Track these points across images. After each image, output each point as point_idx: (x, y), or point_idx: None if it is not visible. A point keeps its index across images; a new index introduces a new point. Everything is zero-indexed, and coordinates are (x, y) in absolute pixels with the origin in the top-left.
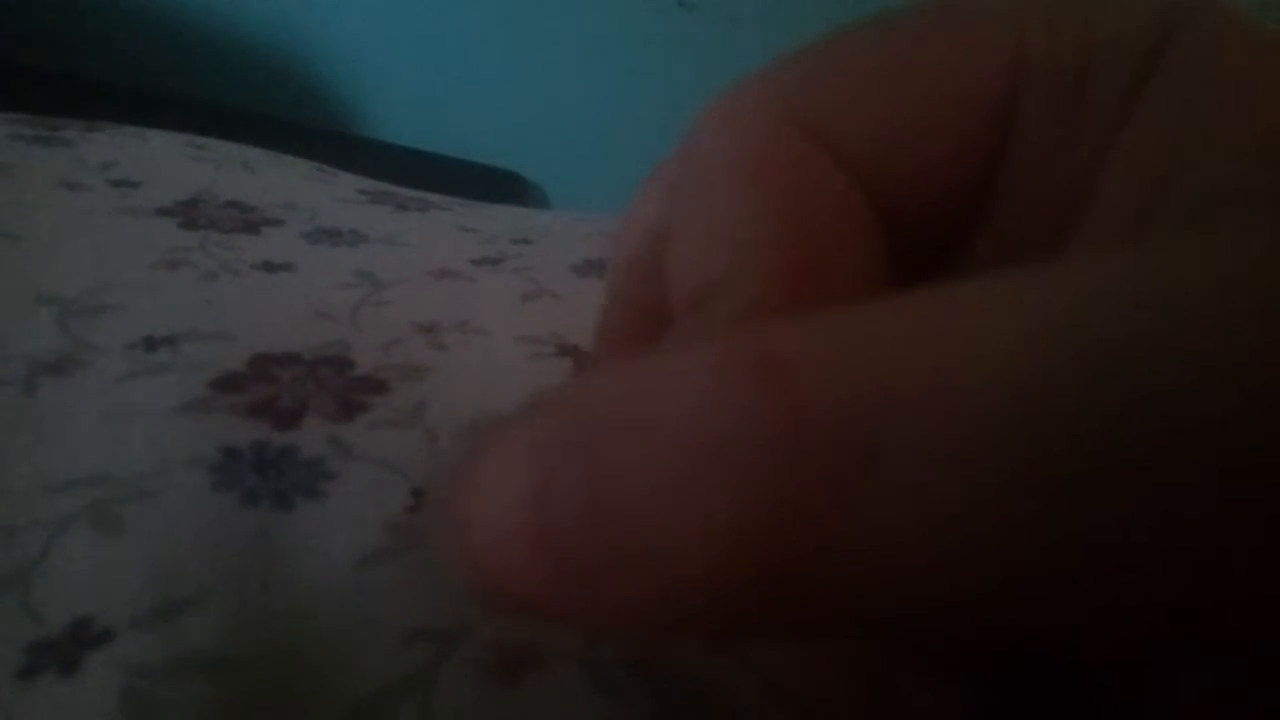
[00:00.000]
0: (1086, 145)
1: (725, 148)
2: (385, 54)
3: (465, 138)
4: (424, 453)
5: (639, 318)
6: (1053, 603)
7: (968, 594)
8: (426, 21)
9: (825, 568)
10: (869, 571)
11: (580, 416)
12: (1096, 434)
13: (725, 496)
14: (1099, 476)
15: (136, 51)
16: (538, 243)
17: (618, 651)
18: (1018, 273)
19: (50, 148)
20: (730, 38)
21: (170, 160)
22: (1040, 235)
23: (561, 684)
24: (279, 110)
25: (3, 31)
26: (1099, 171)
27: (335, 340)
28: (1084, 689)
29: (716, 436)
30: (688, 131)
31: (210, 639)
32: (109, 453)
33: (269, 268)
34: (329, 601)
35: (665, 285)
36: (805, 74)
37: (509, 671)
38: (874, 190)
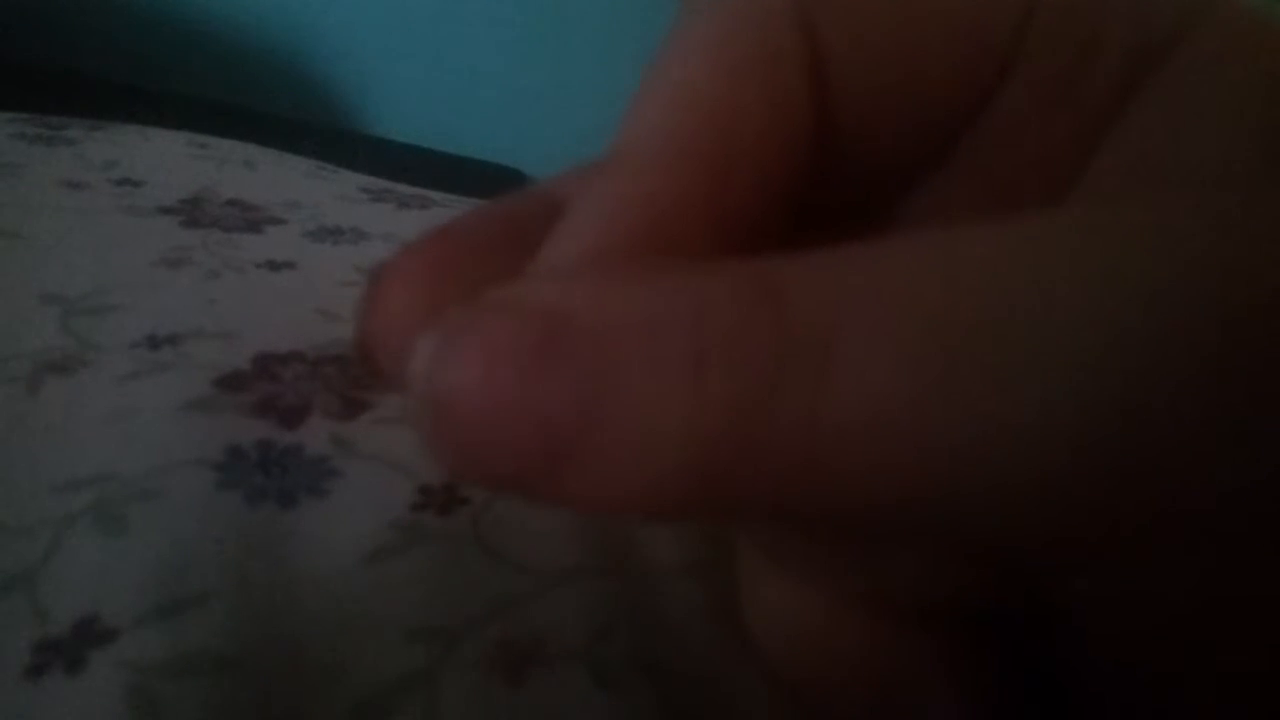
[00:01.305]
0: (1083, 115)
1: (698, 24)
2: (387, 51)
3: (466, 135)
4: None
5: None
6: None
7: (898, 489)
8: (428, 19)
9: (795, 447)
10: (824, 455)
11: (577, 313)
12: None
13: (721, 388)
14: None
15: (138, 50)
16: None
17: (620, 650)
18: (969, 229)
19: (52, 147)
20: None
21: (172, 159)
22: (1018, 190)
23: (564, 682)
24: (281, 108)
25: (3, 31)
26: (1089, 148)
27: (338, 338)
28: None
29: (720, 341)
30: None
31: (214, 637)
32: (113, 452)
33: (272, 266)
34: (333, 600)
35: None
36: None
37: (512, 669)
38: (854, 102)
